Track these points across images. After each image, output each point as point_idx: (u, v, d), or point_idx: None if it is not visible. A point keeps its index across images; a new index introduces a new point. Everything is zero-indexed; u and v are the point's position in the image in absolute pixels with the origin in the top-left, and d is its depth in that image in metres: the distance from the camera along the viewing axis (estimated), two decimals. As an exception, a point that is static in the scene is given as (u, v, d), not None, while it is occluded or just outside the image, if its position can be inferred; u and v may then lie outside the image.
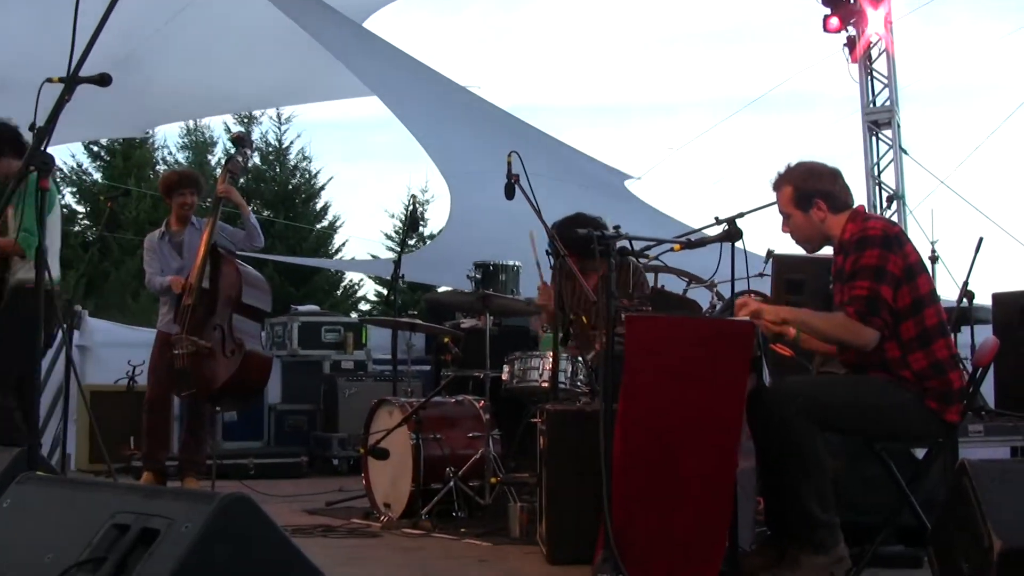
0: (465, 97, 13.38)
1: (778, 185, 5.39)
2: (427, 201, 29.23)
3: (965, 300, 8.38)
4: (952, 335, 6.47)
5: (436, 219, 27.63)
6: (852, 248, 5.08)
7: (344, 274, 30.29)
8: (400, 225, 28.61)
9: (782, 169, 5.40)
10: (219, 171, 8.84)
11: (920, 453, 5.58)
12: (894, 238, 5.07)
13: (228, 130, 28.19)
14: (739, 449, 4.93)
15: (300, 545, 3.24)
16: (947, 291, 9.25)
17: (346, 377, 11.20)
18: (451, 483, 7.15)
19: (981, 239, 8.25)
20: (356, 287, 30.82)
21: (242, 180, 9.12)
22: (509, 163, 6.66)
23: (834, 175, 5.33)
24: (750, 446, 5.20)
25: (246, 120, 28.61)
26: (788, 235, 5.44)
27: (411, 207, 8.42)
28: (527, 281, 9.94)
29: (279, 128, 29.68)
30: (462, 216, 13.43)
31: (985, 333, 7.54)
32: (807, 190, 5.27)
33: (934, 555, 4.59)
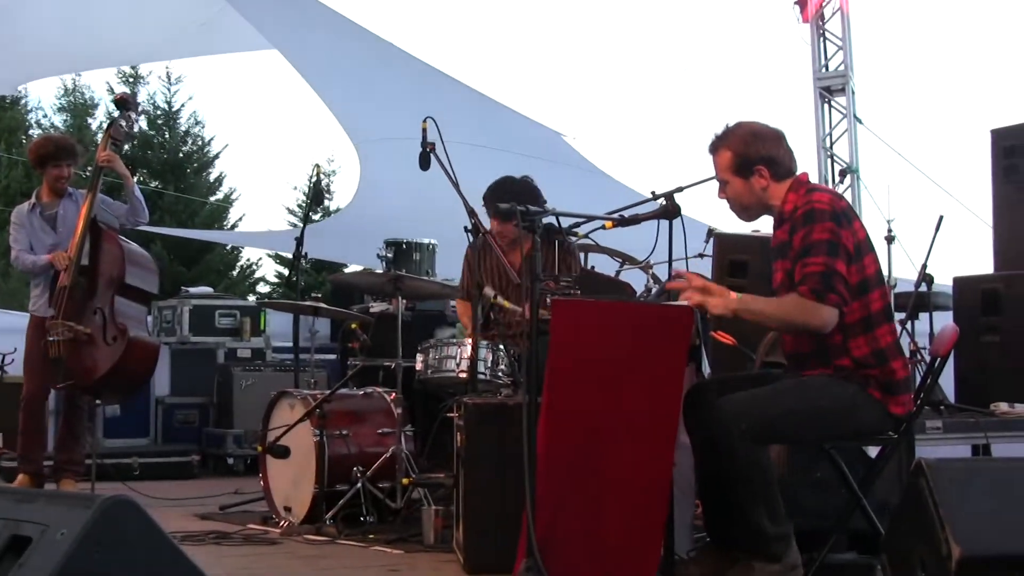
0: (379, 49, 13.25)
1: (716, 148, 5.36)
2: (334, 172, 29.14)
3: (924, 284, 8.47)
4: (905, 322, 6.57)
5: (344, 193, 27.56)
6: (800, 222, 5.08)
7: (240, 252, 30.14)
8: (304, 199, 28.49)
9: (720, 130, 5.37)
10: (100, 137, 8.72)
11: (873, 452, 5.63)
12: (842, 213, 5.09)
13: (111, 91, 27.96)
14: (675, 447, 4.97)
15: (190, 554, 3.22)
16: (905, 274, 9.37)
17: (242, 367, 11.12)
18: (358, 484, 7.13)
19: (941, 218, 8.33)
20: (254, 267, 30.71)
21: (126, 147, 9.01)
22: (424, 130, 6.65)
23: (778, 138, 5.32)
24: (687, 442, 5.24)
25: (131, 80, 28.36)
26: (724, 202, 5.45)
27: (315, 178, 8.36)
28: (444, 261, 9.95)
29: (168, 89, 29.45)
30: (372, 187, 13.38)
31: (945, 320, 7.61)
32: (749, 155, 5.26)
33: (888, 563, 4.65)
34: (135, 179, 8.96)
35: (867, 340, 5.06)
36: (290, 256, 9.74)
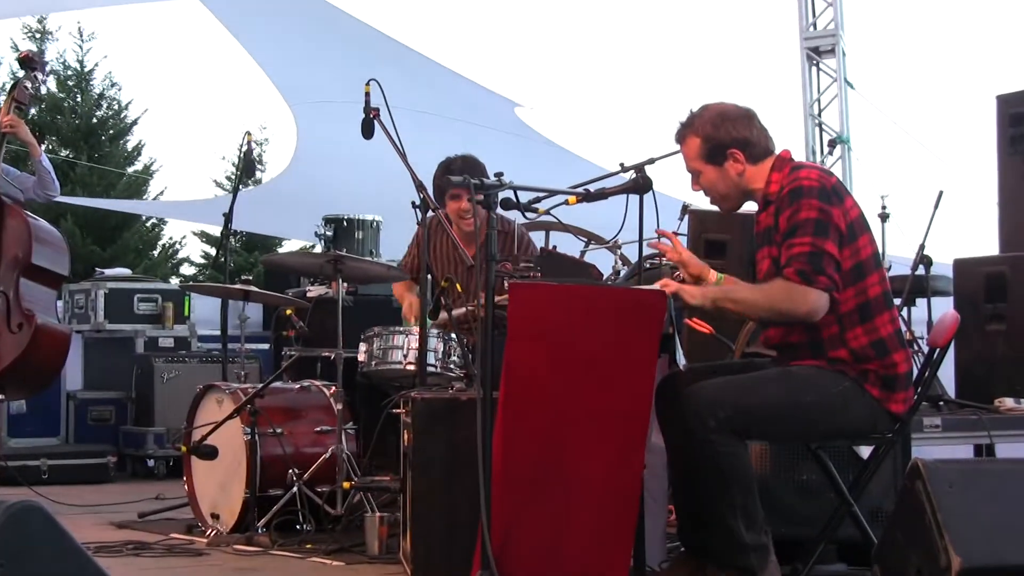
0: (318, 7, 13.23)
1: (682, 137, 5.41)
2: (266, 140, 29.00)
3: (921, 267, 8.50)
4: (900, 309, 6.58)
5: (278, 164, 27.43)
6: (786, 202, 5.12)
7: (162, 230, 29.95)
8: (234, 171, 28.37)
9: (684, 117, 5.41)
10: (2, 100, 8.66)
11: (865, 452, 5.67)
12: (832, 190, 5.13)
13: (15, 48, 27.65)
14: (646, 447, 4.99)
15: (105, 566, 3.22)
16: (900, 255, 9.42)
17: (164, 358, 11.08)
18: (294, 489, 7.13)
19: (941, 193, 8.36)
20: (177, 246, 30.51)
21: (33, 111, 8.95)
22: (367, 94, 6.65)
23: (748, 117, 5.36)
24: (660, 444, 5.26)
25: (37, 36, 28.09)
26: (700, 194, 5.48)
27: (245, 146, 8.31)
28: (389, 240, 9.93)
29: (80, 47, 29.14)
30: (310, 156, 13.35)
31: (944, 307, 7.64)
32: (719, 140, 5.30)
33: (881, 575, 4.68)
34: (43, 148, 8.89)
35: (865, 330, 5.10)
36: (218, 234, 9.70)
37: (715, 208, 5.57)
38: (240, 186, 9.24)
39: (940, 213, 8.35)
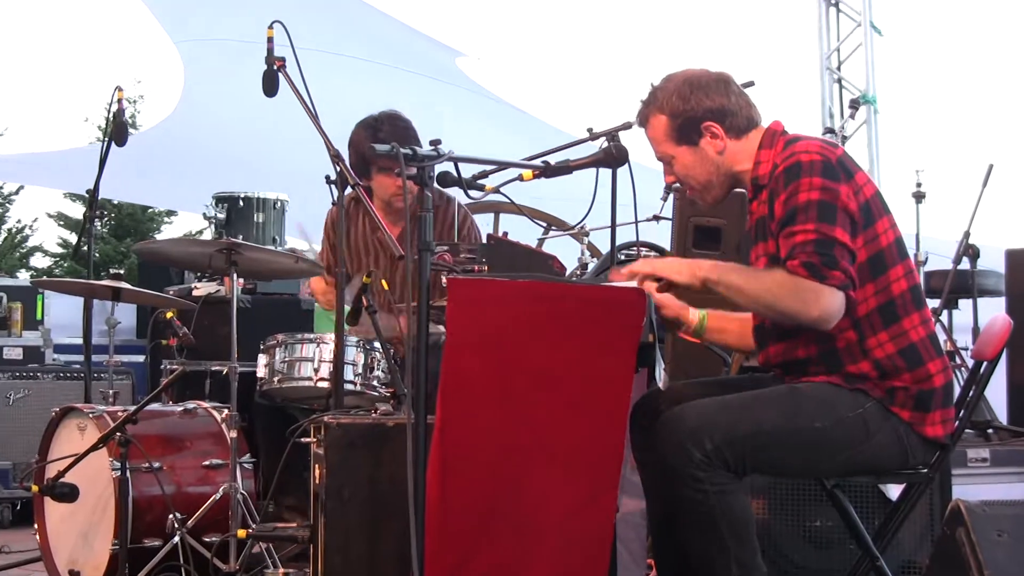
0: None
1: (645, 118, 5.45)
2: (141, 97, 28.93)
3: (965, 260, 8.54)
4: (939, 312, 6.61)
5: (158, 115, 27.28)
6: (781, 183, 5.12)
7: (7, 208, 29.88)
8: (101, 136, 28.27)
9: (646, 94, 5.43)
10: None
11: (894, 492, 5.68)
12: (838, 164, 5.12)
13: None
14: (619, 485, 4.99)
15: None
16: (938, 246, 9.46)
17: (10, 373, 11.04)
18: (176, 538, 7.12)
19: (991, 167, 8.39)
20: (28, 230, 30.44)
21: None
22: (270, 39, 6.63)
23: (723, 81, 5.39)
24: (637, 480, 5.27)
25: None
26: (678, 185, 5.51)
27: (115, 105, 8.20)
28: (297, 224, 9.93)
29: None
30: (199, 114, 13.32)
31: (994, 310, 7.66)
32: (690, 113, 5.33)
33: (912, 645, 4.71)
34: None
35: (891, 335, 5.11)
36: (79, 215, 9.67)
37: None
38: (108, 151, 9.19)
39: (990, 192, 8.37)
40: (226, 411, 7.45)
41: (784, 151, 5.20)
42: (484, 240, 7.29)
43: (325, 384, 6.91)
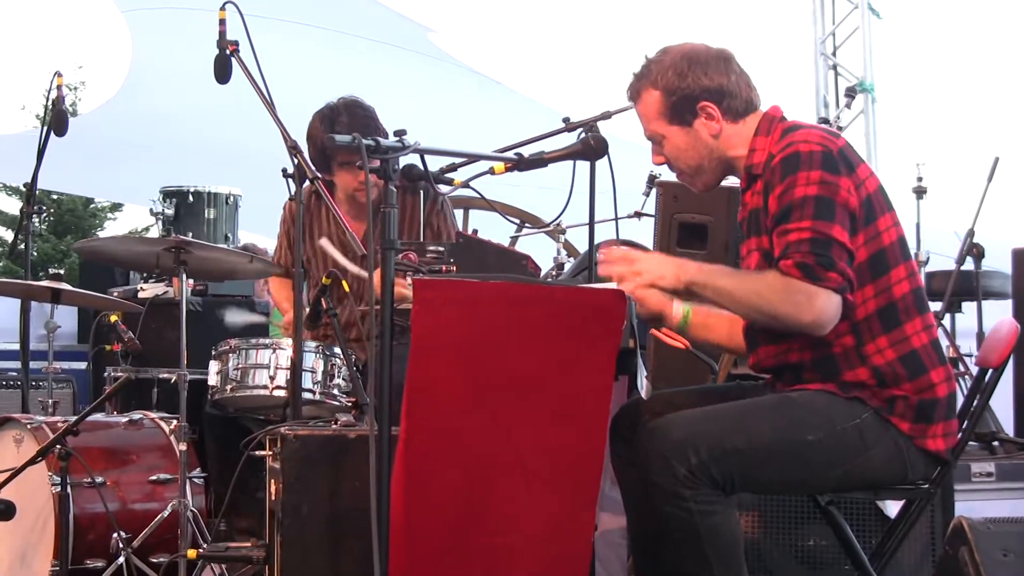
0: None
1: (637, 92, 5.44)
2: (82, 83, 28.88)
3: (970, 260, 8.56)
4: (941, 316, 6.64)
5: (102, 97, 27.19)
6: (777, 175, 5.12)
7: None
8: (39, 124, 28.20)
9: (638, 67, 5.43)
10: None
11: (893, 509, 5.70)
12: (839, 155, 5.12)
13: None
14: (598, 502, 5.02)
15: None
16: (940, 244, 9.50)
17: (-60, 381, 11.07)
18: (120, 559, 7.13)
19: (997, 160, 8.40)
20: (-43, 228, 30.40)
21: None
22: (222, 20, 6.62)
23: (724, 59, 5.39)
24: (617, 497, 5.29)
25: None
26: (666, 167, 5.51)
27: (54, 92, 8.20)
28: (251, 220, 9.94)
29: None
30: (146, 95, 13.32)
31: (1000, 313, 7.68)
32: (686, 91, 5.32)
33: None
34: None
35: (892, 341, 5.11)
36: (14, 211, 9.66)
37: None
38: (46, 143, 9.19)
39: (995, 187, 8.39)
40: (175, 422, 7.46)
41: (782, 140, 5.20)
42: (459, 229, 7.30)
43: (282, 393, 6.91)
